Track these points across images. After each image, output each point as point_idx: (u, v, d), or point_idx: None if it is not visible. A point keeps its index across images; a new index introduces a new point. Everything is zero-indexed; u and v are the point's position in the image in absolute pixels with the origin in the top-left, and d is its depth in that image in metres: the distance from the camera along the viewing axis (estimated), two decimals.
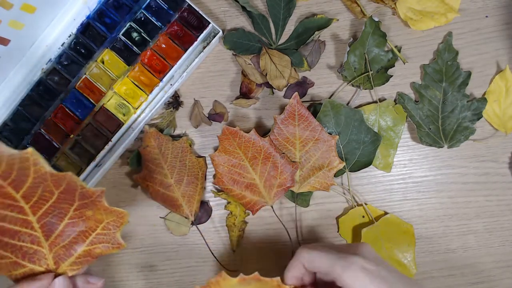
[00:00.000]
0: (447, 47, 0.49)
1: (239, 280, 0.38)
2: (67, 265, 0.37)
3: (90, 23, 0.49)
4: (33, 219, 0.35)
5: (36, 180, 0.33)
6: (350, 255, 0.36)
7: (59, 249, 0.36)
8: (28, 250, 0.36)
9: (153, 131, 0.50)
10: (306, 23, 0.50)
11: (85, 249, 0.37)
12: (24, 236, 0.35)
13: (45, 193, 0.34)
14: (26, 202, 0.34)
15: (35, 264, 0.36)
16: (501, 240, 0.50)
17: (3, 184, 0.33)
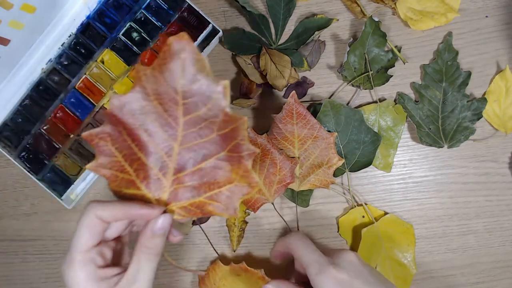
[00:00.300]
0: (447, 47, 0.49)
1: (230, 268, 0.47)
2: (178, 207, 0.35)
3: (90, 23, 0.49)
4: (177, 148, 0.34)
5: (209, 113, 0.32)
6: (327, 263, 0.37)
7: (180, 187, 0.34)
8: (153, 175, 0.34)
9: None
10: (306, 23, 0.50)
11: (202, 200, 0.34)
12: (158, 161, 0.34)
13: (205, 130, 0.33)
14: (183, 129, 0.33)
15: (150, 191, 0.34)
16: (501, 240, 0.50)
17: (178, 102, 0.32)
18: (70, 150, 0.50)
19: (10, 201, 0.53)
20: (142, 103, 0.32)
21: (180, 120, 0.33)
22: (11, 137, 0.50)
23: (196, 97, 0.31)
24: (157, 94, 0.32)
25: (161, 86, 0.31)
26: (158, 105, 0.32)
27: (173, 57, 0.30)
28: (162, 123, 0.33)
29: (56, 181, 0.50)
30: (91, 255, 0.32)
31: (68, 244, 0.32)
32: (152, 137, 0.33)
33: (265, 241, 0.51)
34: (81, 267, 0.31)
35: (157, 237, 0.33)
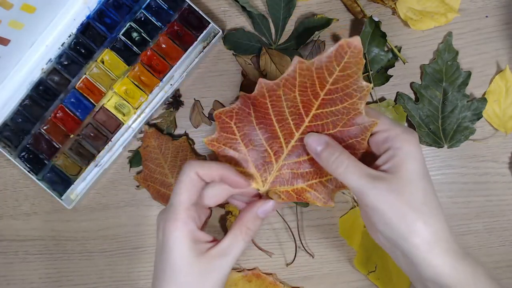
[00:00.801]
0: (447, 47, 0.49)
1: (242, 275, 0.49)
2: (280, 190, 0.37)
3: (90, 23, 0.49)
4: (297, 136, 0.35)
5: (342, 110, 0.33)
6: (409, 128, 0.35)
7: (286, 172, 0.36)
8: (266, 157, 0.36)
9: (153, 131, 0.50)
10: (306, 23, 0.50)
11: (303, 187, 0.36)
12: (275, 145, 0.36)
13: (330, 125, 0.34)
14: (310, 121, 0.35)
15: (259, 171, 0.36)
16: (501, 240, 0.50)
17: (320, 94, 0.33)
18: (70, 150, 0.50)
19: (10, 201, 0.53)
20: (285, 91, 0.33)
21: (312, 113, 0.34)
22: (11, 137, 0.50)
23: (337, 95, 0.32)
24: (303, 86, 0.33)
25: (311, 80, 0.32)
26: (298, 96, 0.33)
27: (338, 57, 0.31)
28: (293, 112, 0.34)
29: (56, 181, 0.50)
30: (193, 213, 0.33)
31: (171, 199, 0.34)
32: (279, 123, 0.35)
33: (265, 241, 0.51)
34: (184, 225, 0.32)
35: (258, 219, 0.34)
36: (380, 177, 0.32)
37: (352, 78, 0.31)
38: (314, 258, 0.51)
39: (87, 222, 0.52)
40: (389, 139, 0.33)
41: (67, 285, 0.53)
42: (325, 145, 0.34)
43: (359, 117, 0.33)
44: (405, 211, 0.32)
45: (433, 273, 0.32)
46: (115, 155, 0.50)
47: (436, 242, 0.32)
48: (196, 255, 0.32)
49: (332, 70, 0.31)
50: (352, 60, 0.31)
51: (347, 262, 0.51)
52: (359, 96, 0.32)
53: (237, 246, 0.33)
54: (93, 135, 0.50)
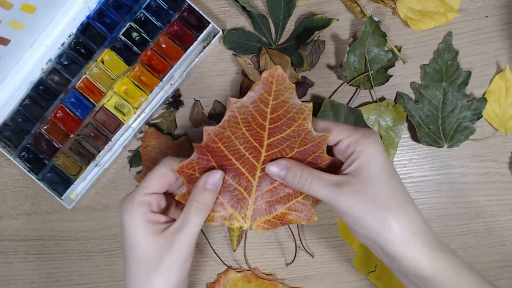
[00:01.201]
0: (447, 47, 0.49)
1: (241, 275, 0.50)
2: (262, 221, 0.38)
3: (90, 23, 0.49)
4: (259, 167, 0.37)
5: (292, 133, 0.35)
6: (366, 128, 0.36)
7: (262, 203, 0.38)
8: (238, 194, 0.37)
9: (153, 131, 0.50)
10: (306, 23, 0.50)
11: (283, 211, 0.38)
12: (243, 181, 0.37)
13: (287, 148, 0.36)
14: (266, 150, 0.36)
15: (236, 210, 0.38)
16: (501, 240, 0.50)
17: (265, 126, 0.35)
18: (70, 150, 0.50)
19: (10, 201, 0.53)
20: (232, 130, 0.34)
21: (264, 143, 0.36)
22: (11, 137, 0.50)
23: (281, 122, 0.34)
24: (246, 122, 0.34)
25: (251, 115, 0.34)
26: (246, 131, 0.35)
27: (265, 86, 0.33)
28: (248, 146, 0.36)
29: (56, 181, 0.50)
30: (149, 199, 0.35)
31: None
32: (238, 160, 0.36)
33: (265, 241, 0.51)
34: (137, 207, 0.35)
35: (207, 191, 0.35)
36: (344, 182, 0.34)
37: (288, 103, 0.33)
38: (314, 258, 0.51)
39: (87, 222, 0.52)
40: (351, 145, 0.35)
41: (67, 285, 0.53)
42: (286, 169, 0.36)
43: (310, 136, 0.35)
44: (372, 209, 0.33)
45: (412, 266, 0.33)
46: (115, 155, 0.50)
47: (411, 235, 0.33)
48: (152, 233, 0.34)
49: (266, 101, 0.33)
50: (281, 87, 0.33)
51: (347, 262, 0.51)
52: (303, 117, 0.34)
53: (191, 221, 0.35)
54: (93, 135, 0.50)
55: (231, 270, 0.51)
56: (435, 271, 0.33)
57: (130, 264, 0.35)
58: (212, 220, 0.37)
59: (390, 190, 0.34)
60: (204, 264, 0.52)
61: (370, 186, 0.33)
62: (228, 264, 0.51)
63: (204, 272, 0.52)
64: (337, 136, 0.35)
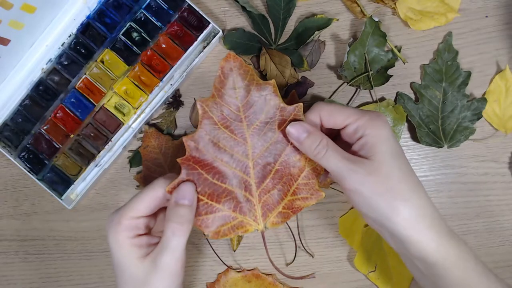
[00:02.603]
0: (447, 47, 0.49)
1: (241, 275, 0.50)
2: (274, 216, 0.37)
3: (90, 23, 0.49)
4: (251, 163, 0.37)
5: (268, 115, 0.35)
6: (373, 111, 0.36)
7: (267, 198, 0.37)
8: (240, 198, 0.37)
9: (153, 131, 0.50)
10: (306, 23, 0.50)
11: (289, 199, 0.37)
12: (241, 183, 0.37)
13: (269, 133, 0.36)
14: (251, 142, 0.36)
15: (245, 215, 0.37)
16: (501, 240, 0.50)
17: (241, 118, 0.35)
18: (70, 150, 0.50)
19: (10, 201, 0.53)
20: (212, 133, 0.35)
21: (247, 134, 0.36)
22: (11, 137, 0.50)
23: (254, 106, 0.34)
24: (222, 119, 0.34)
25: (224, 109, 0.34)
26: (225, 129, 0.35)
27: (227, 77, 0.33)
28: (232, 144, 0.36)
29: (56, 181, 0.50)
30: (137, 223, 0.35)
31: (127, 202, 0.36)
32: (228, 162, 0.36)
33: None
34: (123, 231, 0.35)
35: (180, 207, 0.34)
36: (358, 161, 0.34)
37: (252, 85, 0.34)
38: (314, 258, 0.51)
39: (87, 222, 0.52)
40: (359, 129, 0.35)
41: (67, 285, 0.53)
42: (307, 133, 0.35)
43: (285, 111, 0.35)
44: (383, 191, 0.33)
45: (419, 251, 0.33)
46: (115, 155, 0.50)
47: (419, 219, 0.33)
48: (137, 257, 0.34)
49: (232, 90, 0.34)
50: (241, 71, 0.34)
51: (347, 262, 0.51)
52: (271, 93, 0.34)
53: (172, 243, 0.34)
54: (93, 135, 0.50)
55: (231, 270, 0.51)
56: (441, 256, 0.33)
57: (119, 284, 0.36)
58: (225, 234, 0.36)
59: (401, 174, 0.34)
60: (204, 264, 0.52)
61: (382, 169, 0.33)
62: (228, 264, 0.51)
63: (204, 272, 0.52)
64: (344, 119, 0.35)
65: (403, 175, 0.34)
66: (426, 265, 0.34)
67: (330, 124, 0.36)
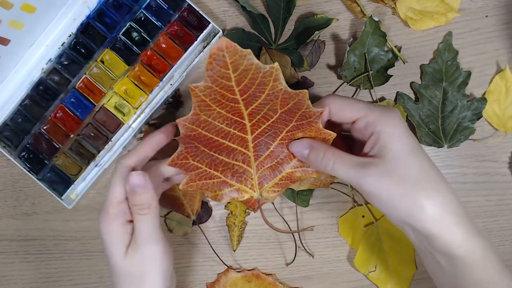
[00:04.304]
0: (447, 47, 0.49)
1: (241, 275, 0.50)
2: (270, 186, 0.38)
3: (90, 23, 0.49)
4: (250, 138, 0.36)
5: (268, 97, 0.33)
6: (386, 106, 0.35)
7: (265, 169, 0.37)
8: (238, 169, 0.37)
9: (153, 131, 0.50)
10: (306, 23, 0.50)
11: (288, 171, 0.37)
12: (238, 155, 0.37)
13: (269, 112, 0.35)
14: (250, 120, 0.35)
15: (241, 183, 0.37)
16: (501, 240, 0.50)
17: (238, 99, 0.33)
18: (70, 150, 0.50)
19: (10, 201, 0.53)
20: (207, 114, 0.34)
21: (245, 114, 0.34)
22: (11, 137, 0.50)
23: (252, 89, 0.32)
24: (217, 101, 0.33)
25: (218, 94, 0.33)
26: (222, 110, 0.34)
27: (219, 61, 0.31)
28: (230, 123, 0.35)
29: (56, 181, 0.50)
30: (123, 208, 0.36)
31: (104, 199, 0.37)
32: (226, 138, 0.36)
33: (265, 241, 0.51)
34: (114, 219, 0.35)
35: (135, 193, 0.35)
36: (369, 163, 0.33)
37: (251, 70, 0.31)
38: (314, 258, 0.51)
39: (87, 222, 0.52)
40: (370, 124, 0.34)
41: (67, 285, 0.53)
42: (309, 148, 0.35)
43: (288, 94, 0.33)
44: (402, 192, 0.32)
45: (444, 245, 0.32)
46: (115, 155, 0.50)
47: (444, 215, 0.32)
48: (126, 246, 0.35)
49: (227, 76, 0.32)
50: (236, 57, 0.30)
51: (347, 262, 0.51)
52: (273, 79, 0.32)
53: (142, 227, 0.35)
54: (93, 135, 0.50)
55: (231, 270, 0.51)
56: (466, 251, 0.32)
57: (113, 277, 0.37)
58: (221, 198, 0.37)
59: (418, 171, 0.32)
60: (204, 264, 0.52)
61: (397, 168, 0.32)
62: (228, 264, 0.51)
63: (204, 272, 0.52)
64: (354, 114, 0.34)
65: (423, 172, 0.32)
66: (449, 259, 0.33)
67: (340, 118, 0.35)
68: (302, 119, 0.35)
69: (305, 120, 0.35)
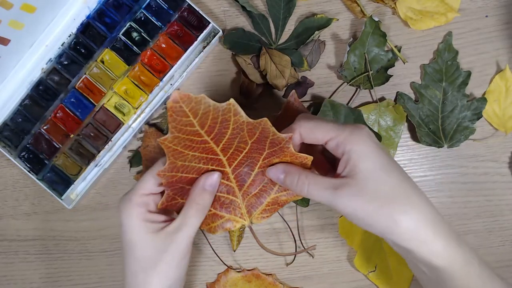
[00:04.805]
0: (447, 47, 0.49)
1: (241, 275, 0.50)
2: (259, 213, 0.39)
3: (90, 23, 0.49)
4: (229, 170, 0.37)
5: (234, 131, 0.34)
6: (355, 124, 0.35)
7: (251, 198, 0.39)
8: (225, 200, 0.38)
9: (153, 131, 0.50)
10: (306, 23, 0.50)
11: (273, 197, 0.39)
12: (222, 187, 0.38)
13: (240, 144, 0.36)
14: (224, 155, 0.36)
15: (231, 213, 0.39)
16: (501, 240, 0.50)
17: (207, 140, 0.34)
18: (70, 150, 0.50)
19: (10, 201, 0.53)
20: (182, 159, 0.35)
21: (218, 151, 0.36)
22: (11, 137, 0.50)
23: (217, 127, 0.34)
24: (188, 147, 0.34)
25: (188, 140, 0.34)
26: (195, 152, 0.35)
27: (178, 112, 0.32)
28: (206, 161, 0.36)
29: (56, 181, 0.50)
30: (147, 200, 0.36)
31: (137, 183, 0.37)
32: None
33: (264, 241, 0.51)
34: (135, 207, 0.36)
35: (206, 192, 0.36)
36: (341, 184, 0.33)
37: (210, 112, 0.32)
38: (314, 258, 0.51)
39: (87, 222, 0.52)
40: (340, 145, 0.34)
41: (67, 285, 0.53)
42: (285, 173, 0.36)
43: (251, 125, 0.34)
44: (376, 209, 0.32)
45: (424, 256, 0.33)
46: (115, 155, 0.50)
47: (421, 227, 0.32)
48: (150, 232, 0.35)
49: (190, 123, 0.33)
50: (192, 104, 0.31)
51: (347, 262, 0.51)
52: (233, 113, 0.33)
53: (189, 222, 0.36)
54: (93, 135, 0.50)
55: (231, 270, 0.51)
56: (447, 261, 0.33)
57: (128, 262, 0.36)
58: (215, 230, 0.38)
59: (391, 187, 0.32)
60: (204, 264, 0.52)
61: (369, 186, 0.32)
62: (228, 264, 0.51)
63: (204, 272, 0.52)
64: (324, 136, 0.35)
65: (396, 187, 0.33)
66: (432, 270, 0.33)
67: (311, 140, 0.36)
68: (274, 146, 0.36)
69: (277, 147, 0.36)
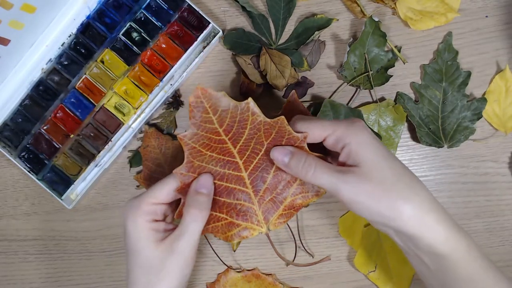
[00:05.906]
0: (447, 47, 0.49)
1: (241, 275, 0.50)
2: (275, 218, 0.38)
3: (90, 23, 0.49)
4: (245, 175, 0.37)
5: (251, 131, 0.34)
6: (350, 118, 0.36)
7: (267, 203, 0.38)
8: (241, 208, 0.38)
9: (153, 131, 0.50)
10: (306, 23, 0.50)
11: (289, 200, 0.38)
12: (238, 194, 0.37)
13: (257, 146, 0.36)
14: (241, 158, 0.36)
15: (247, 221, 0.38)
16: (501, 240, 0.50)
17: (225, 139, 0.34)
18: (70, 150, 0.50)
19: (10, 201, 0.53)
20: (200, 159, 0.35)
21: (235, 152, 0.36)
22: (11, 137, 0.50)
23: (235, 127, 0.34)
24: (206, 146, 0.34)
25: (206, 138, 0.34)
26: (212, 153, 0.35)
27: (199, 108, 0.32)
28: (223, 164, 0.36)
29: (56, 181, 0.50)
30: (155, 209, 0.36)
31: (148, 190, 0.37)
32: (223, 179, 0.37)
33: (265, 241, 0.51)
34: (142, 215, 0.36)
35: (199, 194, 0.36)
36: (348, 171, 0.34)
37: (229, 109, 0.33)
38: (314, 258, 0.51)
39: (87, 222, 0.52)
40: (339, 139, 0.35)
41: (67, 285, 0.53)
42: (290, 155, 0.36)
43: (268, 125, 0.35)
44: (380, 195, 0.33)
45: (428, 245, 0.33)
46: (115, 155, 0.50)
47: (424, 215, 0.33)
48: (154, 241, 0.35)
49: (209, 119, 0.33)
50: (213, 101, 0.32)
51: (347, 262, 0.51)
52: (251, 113, 0.34)
53: (189, 228, 0.36)
54: (93, 135, 0.50)
55: (231, 270, 0.51)
56: (450, 248, 0.33)
57: (132, 268, 0.36)
58: (232, 238, 0.38)
59: (394, 174, 0.33)
60: (204, 264, 0.52)
61: (374, 172, 0.33)
62: (228, 264, 0.51)
63: (204, 272, 0.52)
64: (321, 133, 0.35)
65: (397, 174, 0.34)
66: (434, 259, 0.34)
67: (309, 139, 0.36)
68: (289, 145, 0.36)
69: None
